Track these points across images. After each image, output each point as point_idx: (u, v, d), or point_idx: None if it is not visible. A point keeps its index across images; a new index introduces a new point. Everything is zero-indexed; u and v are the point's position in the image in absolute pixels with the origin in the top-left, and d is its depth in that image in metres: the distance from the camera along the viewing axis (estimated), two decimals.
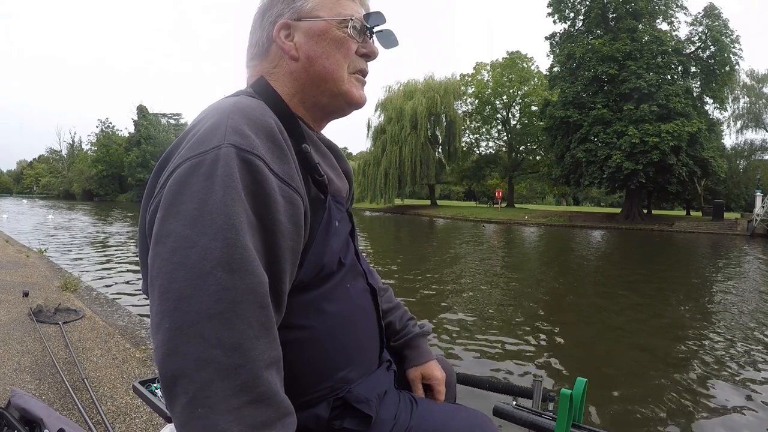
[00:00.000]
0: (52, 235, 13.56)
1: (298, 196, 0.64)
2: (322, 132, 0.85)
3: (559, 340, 4.82)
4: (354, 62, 0.78)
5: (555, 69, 31.86)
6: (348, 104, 0.80)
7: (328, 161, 0.80)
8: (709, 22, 28.23)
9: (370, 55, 0.79)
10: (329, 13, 0.75)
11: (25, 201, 48.82)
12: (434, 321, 5.23)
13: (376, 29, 0.80)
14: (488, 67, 41.25)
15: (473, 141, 44.85)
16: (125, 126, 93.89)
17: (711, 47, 28.07)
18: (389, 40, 0.83)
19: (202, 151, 0.59)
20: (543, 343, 4.67)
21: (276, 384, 0.55)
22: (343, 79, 0.76)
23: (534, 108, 38.78)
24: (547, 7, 31.91)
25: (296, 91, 0.76)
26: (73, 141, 77.79)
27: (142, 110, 59.71)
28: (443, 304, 6.20)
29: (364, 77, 0.81)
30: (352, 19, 0.75)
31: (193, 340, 0.51)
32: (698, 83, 29.14)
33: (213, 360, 0.51)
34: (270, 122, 0.65)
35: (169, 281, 0.54)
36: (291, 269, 0.64)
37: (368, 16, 0.78)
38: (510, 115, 42.22)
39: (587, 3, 29.90)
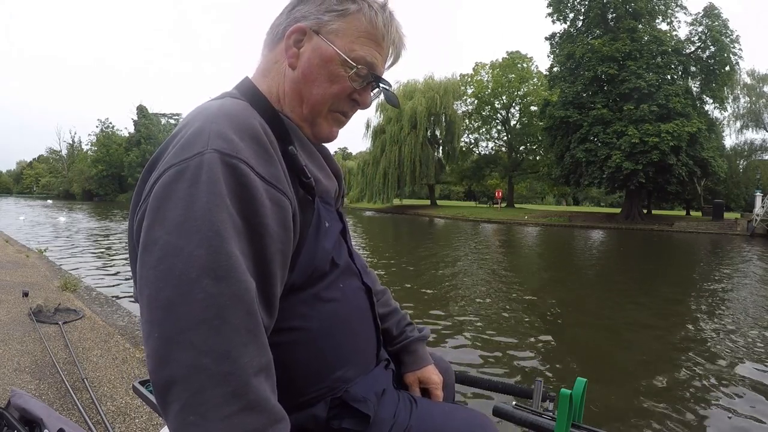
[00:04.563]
0: (57, 236, 13.57)
1: (285, 198, 0.64)
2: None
3: (559, 340, 4.82)
4: (340, 102, 0.76)
5: (555, 69, 31.88)
6: (313, 135, 0.78)
7: (317, 161, 0.79)
8: (709, 22, 28.24)
9: (360, 104, 0.78)
10: (344, 45, 0.73)
11: (50, 201, 48.65)
12: (433, 321, 5.23)
13: (382, 85, 0.78)
14: (488, 68, 41.27)
15: (473, 141, 44.91)
16: (125, 126, 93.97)
17: (711, 47, 28.09)
18: (391, 99, 0.82)
19: (186, 157, 0.58)
20: (543, 343, 4.67)
21: (266, 390, 0.55)
22: (320, 113, 0.76)
23: (534, 108, 38.80)
24: (547, 7, 31.94)
25: (284, 96, 0.76)
26: (73, 141, 77.91)
27: (142, 110, 59.80)
28: (442, 303, 6.20)
29: (344, 117, 0.79)
30: (358, 67, 0.73)
31: (183, 348, 0.51)
32: (698, 83, 29.17)
33: (203, 368, 0.51)
34: (255, 124, 0.64)
35: (156, 290, 0.54)
36: (282, 273, 0.64)
37: (376, 77, 0.77)
38: (510, 115, 42.24)
39: (587, 3, 29.90)
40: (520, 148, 43.30)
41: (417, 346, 0.99)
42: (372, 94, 0.81)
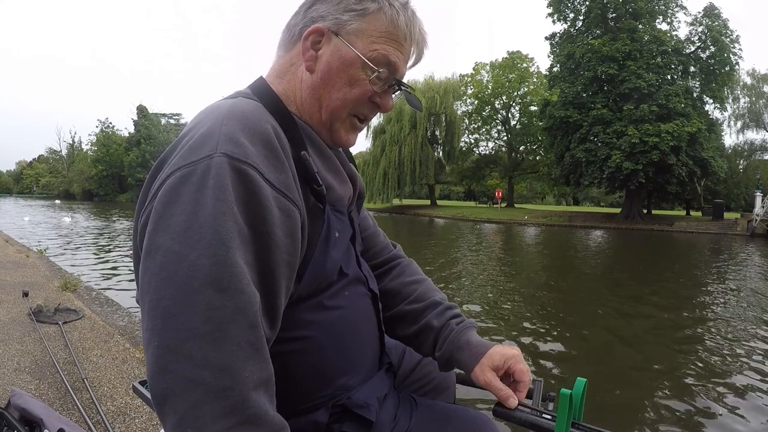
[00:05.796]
0: (60, 235, 13.56)
1: (294, 207, 0.62)
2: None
3: (559, 340, 4.82)
4: (360, 106, 0.74)
5: (555, 69, 31.89)
6: (332, 141, 0.76)
7: (332, 165, 0.77)
8: (709, 22, 28.26)
9: (381, 108, 0.76)
10: (364, 47, 0.70)
11: (58, 201, 48.73)
12: None
13: (404, 88, 0.77)
14: (487, 68, 41.30)
15: (473, 141, 44.92)
16: (125, 126, 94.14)
17: (711, 47, 28.10)
18: (413, 103, 0.81)
19: (194, 160, 0.57)
20: (543, 343, 4.67)
21: (265, 404, 0.54)
22: (340, 117, 0.73)
23: (534, 108, 38.82)
24: (547, 7, 31.94)
25: (301, 101, 0.74)
26: (73, 141, 77.97)
27: (142, 110, 59.79)
28: None
29: (362, 123, 0.77)
30: (379, 71, 0.71)
31: (182, 359, 0.50)
32: (698, 83, 29.18)
33: (201, 381, 0.50)
34: (267, 128, 0.62)
35: (157, 298, 0.53)
36: (287, 284, 0.62)
37: (398, 81, 0.75)
38: (509, 115, 42.25)
39: (587, 3, 29.92)
40: (520, 148, 43.31)
41: (468, 335, 0.86)
42: (393, 97, 0.79)
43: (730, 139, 39.26)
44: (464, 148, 43.88)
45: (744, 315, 6.10)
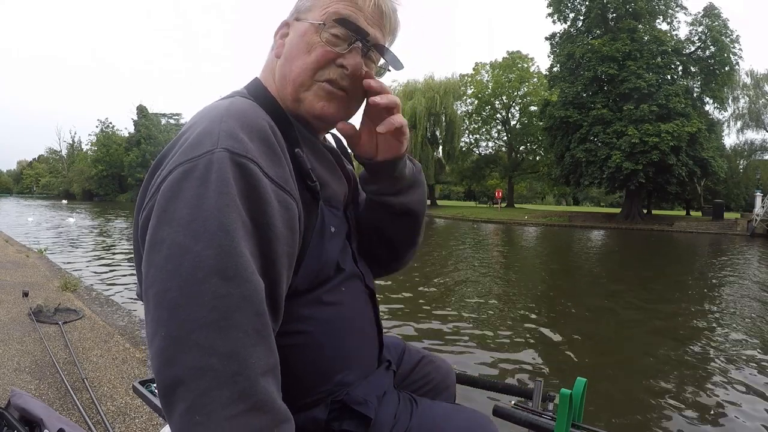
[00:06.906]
0: (61, 235, 13.56)
1: (292, 200, 0.64)
2: (325, 136, 0.84)
3: (560, 340, 4.82)
4: (325, 70, 0.72)
5: (555, 69, 31.91)
6: (310, 115, 0.74)
7: (327, 164, 0.78)
8: (709, 22, 28.30)
9: (346, 68, 0.72)
10: (315, 15, 0.72)
11: (65, 201, 48.90)
12: (433, 321, 5.23)
13: (367, 42, 0.73)
14: (488, 68, 41.33)
15: (473, 141, 44.94)
16: (125, 126, 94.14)
17: (711, 47, 28.14)
18: (393, 61, 0.78)
19: (195, 155, 0.58)
20: (543, 343, 4.67)
21: (273, 391, 0.54)
22: (304, 85, 0.72)
23: (534, 108, 38.86)
24: (547, 7, 31.96)
25: (278, 86, 0.76)
26: (73, 141, 77.97)
27: (142, 110, 59.82)
28: (442, 304, 6.20)
29: (338, 89, 0.73)
30: (323, 24, 0.71)
31: (190, 348, 0.51)
32: (698, 83, 29.21)
33: (210, 368, 0.50)
34: (264, 125, 0.64)
35: (163, 290, 0.53)
36: (287, 274, 0.64)
37: (358, 30, 0.72)
38: (510, 115, 42.27)
39: (587, 3, 29.95)
40: (520, 148, 43.34)
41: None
42: (376, 64, 0.78)
43: (730, 139, 39.47)
44: (464, 148, 43.89)
45: (744, 315, 6.10)
